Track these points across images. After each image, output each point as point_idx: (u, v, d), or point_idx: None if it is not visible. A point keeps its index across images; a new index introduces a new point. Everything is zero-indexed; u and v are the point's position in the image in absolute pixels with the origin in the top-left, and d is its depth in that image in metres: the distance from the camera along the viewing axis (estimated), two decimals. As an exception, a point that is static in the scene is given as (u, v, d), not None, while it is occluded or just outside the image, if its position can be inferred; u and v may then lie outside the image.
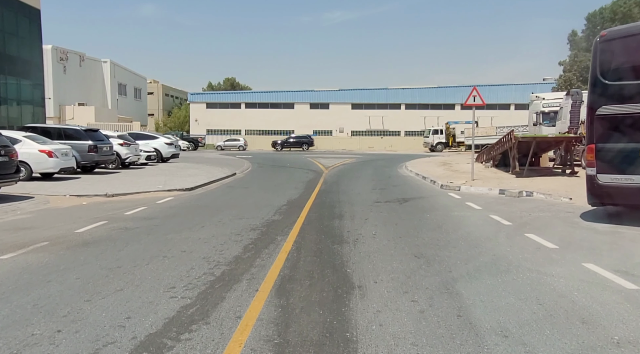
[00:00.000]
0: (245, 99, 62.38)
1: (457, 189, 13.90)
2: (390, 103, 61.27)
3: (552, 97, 26.30)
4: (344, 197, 12.51)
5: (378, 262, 5.99)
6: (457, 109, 60.07)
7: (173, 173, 18.73)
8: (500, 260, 6.11)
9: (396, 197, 12.48)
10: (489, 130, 33.15)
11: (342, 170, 23.24)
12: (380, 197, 12.47)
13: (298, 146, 54.36)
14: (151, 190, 13.46)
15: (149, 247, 6.84)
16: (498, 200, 11.93)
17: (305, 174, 20.71)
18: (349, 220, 9.08)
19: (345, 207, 10.78)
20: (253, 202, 11.58)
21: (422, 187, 15.05)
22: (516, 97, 59.14)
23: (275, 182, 17.17)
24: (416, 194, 13.22)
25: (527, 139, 17.10)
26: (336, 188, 14.86)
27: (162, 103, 71.74)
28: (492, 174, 18.80)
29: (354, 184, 16.27)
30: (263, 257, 6.27)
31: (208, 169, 21.49)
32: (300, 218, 9.24)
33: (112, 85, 51.18)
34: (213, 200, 12.13)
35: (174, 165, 23.00)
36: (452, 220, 9.07)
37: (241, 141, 54.23)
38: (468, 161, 28.94)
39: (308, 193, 13.49)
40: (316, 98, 61.80)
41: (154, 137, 24.52)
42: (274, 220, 9.08)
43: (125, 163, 20.02)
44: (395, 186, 15.65)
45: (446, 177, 17.37)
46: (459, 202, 11.61)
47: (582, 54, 32.52)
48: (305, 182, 16.71)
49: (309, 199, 12.09)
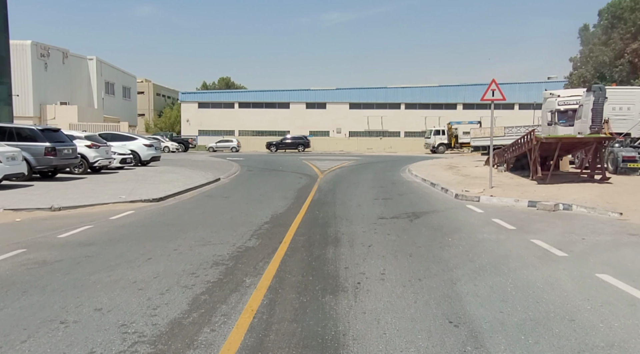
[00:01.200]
0: (238, 98, 60.02)
1: (476, 199, 11.69)
2: (389, 103, 59.06)
3: (569, 95, 24.14)
4: (340, 211, 10.30)
5: (394, 337, 3.78)
6: (459, 108, 58.00)
7: (147, 179, 16.48)
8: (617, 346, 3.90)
9: (404, 211, 10.27)
10: (497, 130, 31.01)
11: (339, 174, 21.03)
12: (385, 211, 10.26)
13: (293, 147, 52.13)
14: (110, 201, 11.22)
15: (50, 301, 4.62)
16: (531, 215, 9.72)
17: (298, 179, 18.50)
18: (347, 247, 6.87)
19: (343, 226, 8.57)
20: (229, 219, 9.35)
21: (433, 197, 12.84)
22: (520, 97, 57.01)
23: (262, 189, 14.95)
24: (428, 207, 11.01)
25: (551, 139, 14.92)
26: (332, 198, 12.65)
27: (153, 103, 69.35)
28: (509, 179, 16.62)
29: (352, 192, 14.06)
30: (214, 323, 4.07)
31: (190, 173, 19.25)
32: (283, 244, 7.03)
33: (98, 84, 48.87)
34: (180, 215, 9.90)
35: (152, 169, 20.76)
36: (484, 248, 6.86)
37: (234, 142, 51.96)
38: (476, 163, 26.82)
39: (298, 205, 11.28)
40: (312, 97, 59.56)
41: (132, 138, 22.24)
42: (247, 247, 6.87)
43: (95, 167, 17.77)
44: (401, 195, 13.44)
45: (458, 183, 15.18)
46: (483, 218, 9.40)
47: (597, 48, 30.40)
48: (296, 190, 14.50)
49: (298, 214, 9.88)
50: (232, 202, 11.95)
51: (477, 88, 58.19)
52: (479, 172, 20.53)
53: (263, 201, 12.14)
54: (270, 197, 12.77)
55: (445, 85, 58.93)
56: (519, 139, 17.88)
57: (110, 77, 52.56)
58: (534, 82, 57.30)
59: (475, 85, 58.24)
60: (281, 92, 59.70)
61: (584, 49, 33.26)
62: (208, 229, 8.22)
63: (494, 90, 13.17)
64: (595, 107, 19.18)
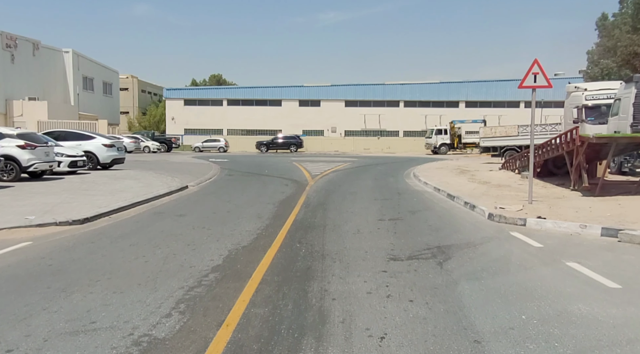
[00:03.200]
0: (227, 95, 56.37)
1: (520, 223, 8.47)
2: (387, 100, 55.72)
3: (597, 88, 20.97)
4: (332, 243, 7.08)
5: None
6: (461, 106, 54.81)
7: (90, 188, 13.17)
8: None
9: (425, 244, 7.04)
10: (510, 130, 27.87)
11: (333, 180, 17.79)
12: (396, 244, 7.02)
13: (285, 147, 48.84)
14: (6, 226, 7.93)
15: None
16: (623, 255, 6.50)
17: (283, 186, 15.27)
18: (342, 336, 3.66)
19: (334, 279, 5.33)
20: (159, 261, 6.08)
21: (457, 217, 9.60)
22: (526, 94, 53.72)
23: (234, 203, 11.70)
24: (456, 236, 7.77)
25: (604, 139, 11.73)
26: (321, 217, 9.41)
27: (137, 100, 65.65)
28: (542, 189, 13.45)
29: (348, 207, 10.83)
30: None
31: (153, 180, 15.96)
32: (221, 332, 3.80)
33: (75, 79, 45.24)
34: (91, 252, 6.61)
35: (109, 174, 17.43)
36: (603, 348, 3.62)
37: (221, 142, 48.58)
38: (489, 167, 23.60)
39: (274, 230, 8.05)
40: (306, 94, 56.12)
41: (89, 137, 18.86)
42: (156, 340, 3.62)
43: (34, 172, 14.46)
44: (413, 212, 10.19)
45: (483, 195, 11.98)
46: (550, 261, 6.17)
47: (625, 37, 27.29)
48: (277, 204, 11.26)
49: (270, 249, 6.66)
50: (184, 225, 8.67)
51: (480, 85, 55.11)
52: (498, 178, 17.35)
53: (228, 222, 8.89)
54: (239, 216, 9.52)
55: (446, 82, 55.69)
56: (553, 139, 14.73)
57: (89, 71, 48.95)
58: (540, 79, 54.22)
59: (478, 82, 55.15)
60: (272, 88, 56.23)
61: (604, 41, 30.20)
62: (112, 287, 4.97)
63: (537, 74, 9.95)
64: (638, 101, 16.04)
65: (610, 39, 30.03)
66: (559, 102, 54.41)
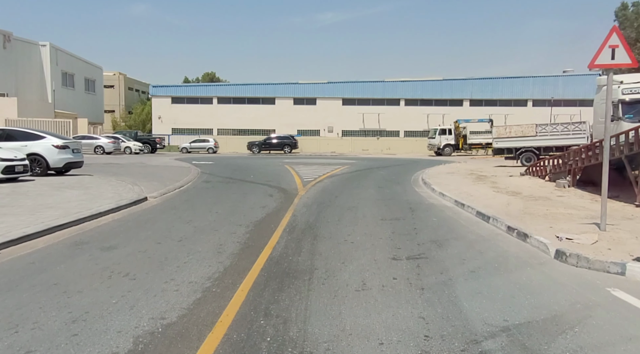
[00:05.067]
0: (217, 92, 53.16)
1: (616, 270, 5.51)
2: (387, 98, 52.73)
3: (636, 80, 18.05)
4: (320, 321, 4.13)
5: None
6: (465, 105, 51.94)
7: (11, 203, 10.16)
8: None
9: (483, 320, 4.09)
10: (527, 129, 24.92)
11: (328, 189, 14.86)
12: (430, 319, 4.07)
13: (279, 148, 45.85)
14: None
15: None
16: None
17: (267, 198, 12.32)
18: None
19: None
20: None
21: (508, 255, 6.62)
22: (534, 92, 51.11)
23: (194, 224, 8.72)
24: (528, 301, 4.81)
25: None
26: (308, 253, 6.46)
27: (124, 98, 62.38)
28: (593, 203, 10.51)
29: (348, 235, 7.88)
30: None
31: (106, 189, 12.96)
32: None
33: (53, 74, 42.12)
34: None
35: (57, 182, 14.40)
36: None
37: (210, 143, 45.50)
38: (507, 171, 20.61)
39: (230, 283, 5.14)
40: (301, 92, 53.03)
41: (39, 137, 15.84)
42: None
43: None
44: (440, 244, 7.22)
45: (524, 214, 9.04)
46: None
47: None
48: (250, 227, 8.30)
49: (209, 335, 3.68)
50: (99, 270, 5.68)
51: (485, 82, 52.27)
52: (528, 187, 14.43)
53: (169, 263, 5.92)
54: (190, 251, 6.55)
55: (449, 79, 52.69)
56: (599, 141, 11.79)
57: (69, 67, 45.82)
58: (549, 76, 51.34)
59: (483, 80, 52.26)
60: (266, 85, 53.14)
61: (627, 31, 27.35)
62: None
63: (616, 47, 6.98)
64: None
65: (633, 30, 27.11)
66: (569, 101, 51.62)
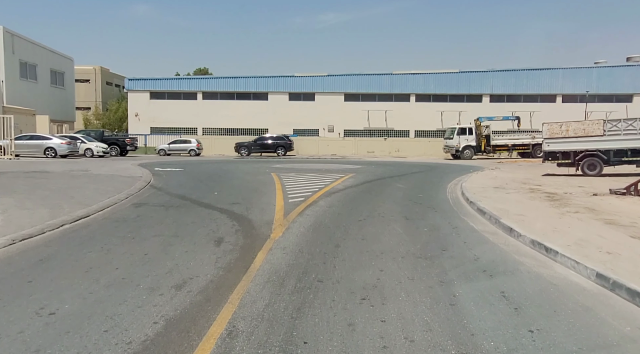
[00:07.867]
0: (202, 86, 46.83)
1: None
2: (395, 93, 46.46)
3: None
4: None
5: None
6: (484, 101, 45.76)
7: None
8: None
9: None
10: (591, 127, 18.81)
11: (325, 225, 8.80)
12: None
13: (271, 150, 39.75)
14: None
15: None
16: None
17: (205, 253, 6.28)
18: None
19: None
20: None
21: None
22: (565, 86, 44.81)
23: None
24: None
25: None
26: None
27: (101, 93, 56.14)
28: None
29: None
30: None
31: None
32: None
33: (6, 63, 36.20)
34: None
35: None
36: None
37: (192, 144, 39.34)
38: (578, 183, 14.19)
39: None
40: (297, 86, 46.81)
41: None
42: None
43: None
44: None
45: None
46: None
47: None
48: None
49: None
50: None
51: (507, 75, 46.06)
52: (636, 214, 8.25)
53: None
54: None
55: (467, 71, 46.42)
56: None
57: (30, 56, 39.74)
58: (582, 68, 45.11)
59: (506, 72, 46.00)
60: (257, 79, 46.89)
61: None
62: None
63: None
64: None
65: None
66: (604, 96, 45.51)
